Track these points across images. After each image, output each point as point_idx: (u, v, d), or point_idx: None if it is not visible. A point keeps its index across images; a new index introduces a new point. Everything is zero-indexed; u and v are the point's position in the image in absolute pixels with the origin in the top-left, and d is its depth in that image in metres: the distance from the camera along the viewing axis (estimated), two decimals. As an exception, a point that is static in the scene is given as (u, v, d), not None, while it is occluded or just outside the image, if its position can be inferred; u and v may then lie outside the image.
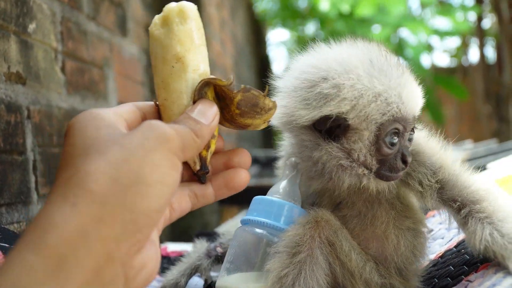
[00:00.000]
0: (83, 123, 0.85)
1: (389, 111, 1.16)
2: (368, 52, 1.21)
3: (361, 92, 1.15)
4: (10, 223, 1.60)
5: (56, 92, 1.97)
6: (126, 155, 0.78)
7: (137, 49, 3.16)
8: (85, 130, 0.83)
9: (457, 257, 1.41)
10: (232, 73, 5.75)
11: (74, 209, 0.72)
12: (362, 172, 1.19)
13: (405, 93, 1.18)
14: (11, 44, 1.68)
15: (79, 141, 0.81)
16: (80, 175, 0.75)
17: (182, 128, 0.88)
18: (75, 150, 0.80)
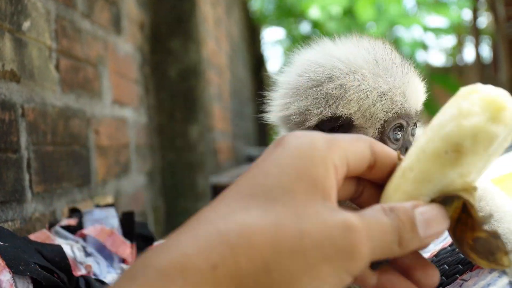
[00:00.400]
0: (293, 154, 0.72)
1: (393, 109, 1.17)
2: (373, 51, 1.21)
3: (367, 93, 1.16)
4: (4, 221, 1.59)
5: (51, 90, 1.97)
6: (297, 248, 0.65)
7: (132, 47, 3.16)
8: (286, 168, 0.71)
9: (451, 256, 1.40)
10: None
11: (212, 274, 0.63)
12: None
13: (409, 91, 1.19)
14: (5, 42, 1.67)
15: (273, 177, 0.70)
16: (241, 239, 0.65)
17: (386, 226, 0.71)
18: (259, 187, 0.70)
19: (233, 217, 0.66)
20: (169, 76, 3.69)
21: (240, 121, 6.42)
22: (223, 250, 0.63)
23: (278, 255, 0.64)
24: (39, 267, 1.30)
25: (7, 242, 1.32)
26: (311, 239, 0.66)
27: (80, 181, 2.19)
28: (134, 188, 2.97)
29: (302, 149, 0.72)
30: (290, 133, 0.75)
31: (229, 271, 0.62)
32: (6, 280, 1.18)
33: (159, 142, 3.63)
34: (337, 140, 0.74)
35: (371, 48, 1.22)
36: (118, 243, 1.84)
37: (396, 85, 1.18)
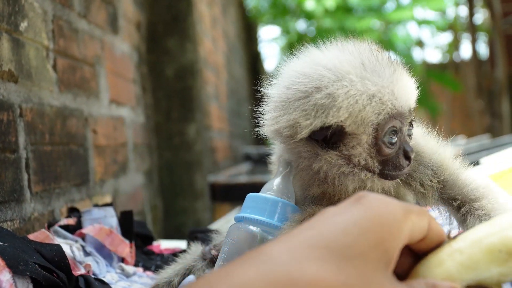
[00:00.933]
0: (373, 219, 0.74)
1: (384, 110, 1.15)
2: (359, 55, 1.19)
3: (356, 98, 1.13)
4: (3, 221, 1.60)
5: (48, 90, 1.97)
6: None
7: (129, 46, 3.16)
8: (365, 233, 0.73)
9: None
10: (224, 71, 5.75)
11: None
12: (365, 177, 1.18)
13: (398, 89, 1.16)
14: (3, 43, 1.67)
15: (345, 240, 0.71)
16: None
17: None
18: (333, 244, 0.71)
19: (307, 265, 0.68)
20: (166, 76, 3.69)
21: (237, 120, 6.42)
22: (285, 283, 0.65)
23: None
24: (39, 266, 1.30)
25: (6, 242, 1.32)
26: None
27: (78, 180, 2.19)
28: (132, 187, 2.98)
29: (383, 216, 0.74)
30: (371, 193, 0.78)
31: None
32: (6, 280, 1.17)
33: (156, 141, 3.63)
34: (411, 212, 0.77)
35: (357, 52, 1.20)
36: (117, 242, 1.84)
37: (384, 85, 1.15)
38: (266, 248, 0.71)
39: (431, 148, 1.27)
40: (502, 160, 2.00)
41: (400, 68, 1.21)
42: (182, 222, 3.65)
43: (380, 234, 0.73)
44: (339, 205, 0.78)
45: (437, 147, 1.27)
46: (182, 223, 3.65)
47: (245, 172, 5.33)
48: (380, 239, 0.73)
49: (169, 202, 3.64)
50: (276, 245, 0.72)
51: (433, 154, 1.25)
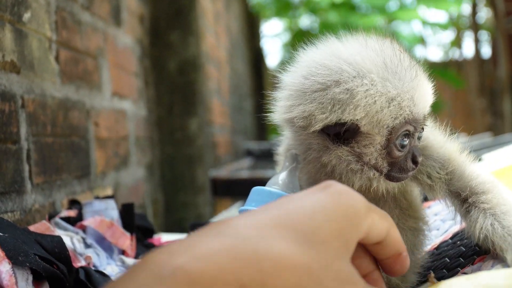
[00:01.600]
0: (338, 213, 0.77)
1: (401, 115, 1.13)
2: (382, 53, 1.17)
3: (375, 99, 1.12)
4: (4, 212, 1.59)
5: (50, 82, 1.97)
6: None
7: (131, 39, 3.15)
8: (332, 225, 0.75)
9: (452, 249, 1.40)
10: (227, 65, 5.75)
11: None
12: (373, 176, 1.18)
13: (418, 95, 1.15)
14: (6, 33, 1.67)
15: (311, 222, 0.74)
16: (272, 269, 0.68)
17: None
18: (298, 225, 0.74)
19: (273, 243, 0.70)
20: (168, 70, 3.68)
21: (238, 115, 6.42)
22: (254, 274, 0.66)
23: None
24: (39, 258, 1.30)
25: (6, 233, 1.31)
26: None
27: (79, 172, 2.18)
28: (134, 180, 2.97)
29: (347, 208, 0.77)
30: (338, 184, 0.80)
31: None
32: (6, 271, 1.17)
33: (158, 135, 3.63)
34: (373, 211, 0.81)
35: (380, 50, 1.18)
36: (117, 235, 1.84)
37: (405, 90, 1.14)
38: (232, 221, 0.73)
39: (438, 142, 1.26)
40: (504, 156, 2.00)
41: (421, 72, 1.19)
42: (183, 216, 3.65)
43: (343, 224, 0.76)
44: (307, 189, 0.80)
45: (444, 141, 1.27)
46: (183, 217, 3.65)
47: (246, 167, 5.33)
48: (342, 229, 0.75)
49: (170, 196, 3.63)
50: (242, 219, 0.73)
51: (441, 147, 1.25)
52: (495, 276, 0.92)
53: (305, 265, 0.71)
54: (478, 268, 1.16)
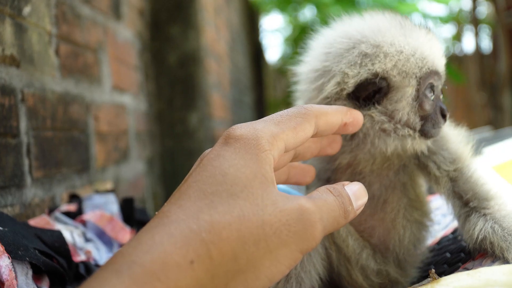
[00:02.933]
0: (244, 153, 0.82)
1: (426, 64, 1.17)
2: (394, 18, 1.22)
3: (401, 48, 1.16)
4: (3, 206, 1.59)
5: (50, 76, 1.96)
6: (260, 237, 0.77)
7: (131, 33, 3.14)
8: (242, 167, 0.81)
9: (454, 244, 1.40)
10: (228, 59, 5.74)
11: (190, 269, 0.72)
12: (407, 133, 1.18)
13: (435, 48, 1.20)
14: (6, 27, 1.66)
15: (232, 176, 0.80)
16: (211, 235, 0.74)
17: (334, 205, 0.86)
18: (222, 185, 0.79)
19: (202, 215, 0.75)
20: (168, 63, 3.68)
21: (239, 109, 6.41)
22: (198, 247, 0.72)
23: (244, 245, 0.75)
24: (39, 252, 1.30)
25: (6, 227, 1.31)
26: (271, 227, 0.77)
27: (79, 166, 2.18)
28: (134, 174, 2.97)
29: (251, 150, 0.83)
30: (234, 128, 0.86)
31: (204, 264, 0.72)
32: (5, 265, 1.17)
33: (158, 129, 3.63)
34: (281, 133, 0.87)
35: (390, 17, 1.23)
36: (117, 229, 1.84)
37: (423, 42, 1.18)
38: (165, 210, 0.78)
39: (454, 136, 1.27)
40: (505, 150, 2.00)
41: (431, 30, 1.24)
42: (152, 220, 3.64)
43: (252, 166, 0.81)
44: (211, 149, 0.86)
45: (460, 138, 1.28)
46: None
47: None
48: (254, 170, 0.81)
49: (170, 190, 3.63)
50: (173, 205, 0.79)
51: (455, 142, 1.26)
52: (496, 271, 0.92)
53: (238, 215, 0.76)
54: (479, 263, 1.16)
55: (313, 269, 1.18)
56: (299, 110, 0.94)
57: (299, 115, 0.92)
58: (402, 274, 1.30)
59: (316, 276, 1.20)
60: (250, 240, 0.75)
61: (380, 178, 1.26)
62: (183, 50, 3.73)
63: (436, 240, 1.52)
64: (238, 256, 0.75)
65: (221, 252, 0.73)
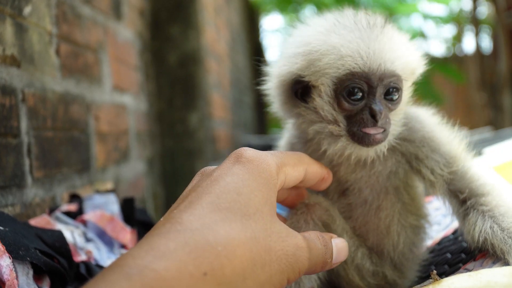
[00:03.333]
0: (256, 176, 0.87)
1: (344, 65, 1.15)
2: (339, 15, 1.24)
3: (315, 47, 1.17)
4: (4, 206, 1.59)
5: (51, 75, 1.96)
6: (266, 260, 0.81)
7: (132, 33, 3.14)
8: (255, 189, 0.86)
9: (454, 244, 1.40)
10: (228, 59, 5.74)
11: (203, 280, 0.73)
12: (334, 130, 1.19)
13: (367, 49, 1.16)
14: (6, 27, 1.66)
15: (245, 196, 0.84)
16: (227, 250, 0.77)
17: (321, 251, 0.93)
18: (236, 203, 0.82)
19: (218, 228, 0.78)
20: (168, 63, 3.68)
21: (239, 109, 6.41)
22: (213, 260, 0.74)
23: (253, 266, 0.79)
24: (39, 252, 1.30)
25: (7, 227, 1.31)
26: (275, 254, 0.83)
27: (80, 166, 2.18)
28: (134, 174, 2.97)
29: (263, 175, 0.88)
30: (247, 150, 0.91)
31: (216, 278, 0.73)
32: (6, 265, 1.17)
33: (158, 128, 3.63)
34: (284, 165, 0.94)
35: (340, 13, 1.25)
36: (118, 229, 1.84)
37: (351, 41, 1.16)
38: (177, 217, 0.81)
39: (446, 138, 1.26)
40: (506, 151, 2.00)
41: (382, 31, 1.20)
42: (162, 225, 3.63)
43: (265, 192, 0.86)
44: (221, 165, 0.90)
45: (451, 138, 1.26)
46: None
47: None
48: (266, 196, 0.86)
49: (170, 190, 3.63)
50: (184, 212, 0.81)
51: (447, 144, 1.25)
52: (497, 273, 0.92)
53: (251, 237, 0.80)
54: (480, 264, 1.16)
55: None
56: (295, 154, 1.02)
57: (296, 158, 0.99)
58: (400, 276, 1.30)
59: (315, 276, 1.20)
60: (259, 263, 0.79)
61: (370, 184, 1.26)
62: (183, 50, 3.73)
63: (436, 240, 1.52)
64: (247, 277, 0.78)
65: (234, 269, 0.76)
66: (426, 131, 1.25)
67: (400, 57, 1.20)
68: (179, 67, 3.70)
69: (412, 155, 1.24)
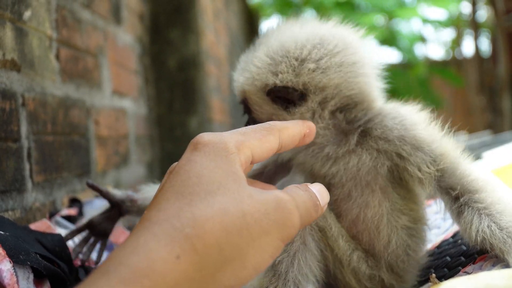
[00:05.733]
0: (214, 157, 0.86)
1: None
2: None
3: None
4: (4, 211, 1.59)
5: (51, 80, 1.96)
6: (242, 226, 0.79)
7: (131, 37, 3.15)
8: (214, 168, 0.84)
9: (453, 248, 1.40)
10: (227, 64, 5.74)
11: (177, 263, 0.73)
12: None
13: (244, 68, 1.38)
14: (6, 32, 1.67)
15: (206, 177, 0.83)
16: (195, 229, 0.76)
17: (305, 197, 0.89)
18: (198, 186, 0.81)
19: (183, 213, 0.77)
20: (168, 67, 3.69)
21: (238, 113, 6.40)
22: (182, 242, 0.74)
23: (228, 235, 0.77)
24: (40, 256, 1.30)
25: (7, 231, 1.31)
26: (251, 217, 0.79)
27: (80, 171, 2.18)
28: (134, 178, 2.97)
29: (220, 153, 0.86)
30: (202, 136, 0.90)
31: (190, 258, 0.73)
32: (7, 270, 1.17)
33: (158, 133, 3.63)
34: (247, 141, 0.91)
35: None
36: (118, 233, 1.84)
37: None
38: (145, 216, 0.81)
39: (430, 136, 1.24)
40: (505, 154, 2.00)
41: (258, 47, 1.38)
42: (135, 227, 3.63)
43: (223, 166, 0.85)
44: (182, 157, 0.89)
45: (438, 135, 1.25)
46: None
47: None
48: (226, 169, 0.84)
49: (170, 194, 3.63)
50: (151, 211, 0.82)
51: (433, 142, 1.23)
52: (496, 276, 0.92)
53: (219, 208, 0.79)
54: (479, 267, 1.16)
55: (310, 272, 1.18)
56: (263, 125, 0.98)
57: (263, 129, 0.96)
58: (398, 280, 1.29)
59: (313, 278, 1.20)
60: (233, 230, 0.77)
61: (351, 177, 1.26)
62: (182, 54, 3.74)
63: (436, 244, 1.52)
64: (223, 247, 0.76)
65: (206, 244, 0.75)
66: (405, 129, 1.24)
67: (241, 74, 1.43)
68: (178, 71, 3.71)
69: (393, 153, 1.23)
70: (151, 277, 0.71)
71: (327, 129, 1.26)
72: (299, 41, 1.27)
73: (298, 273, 1.16)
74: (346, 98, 1.26)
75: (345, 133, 1.27)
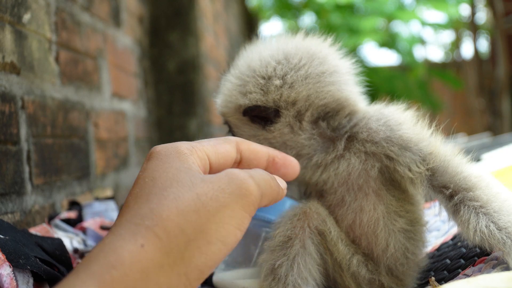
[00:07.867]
0: (166, 160, 0.89)
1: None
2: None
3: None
4: (4, 214, 1.59)
5: (50, 83, 1.96)
6: (198, 206, 0.82)
7: (131, 40, 3.15)
8: (167, 168, 0.87)
9: (453, 250, 1.40)
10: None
11: (142, 251, 0.76)
12: None
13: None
14: (5, 34, 1.66)
15: (160, 177, 0.86)
16: (154, 220, 0.79)
17: (265, 175, 0.92)
18: (153, 186, 0.85)
19: (141, 210, 0.81)
20: (167, 70, 3.69)
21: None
22: (144, 233, 0.78)
23: (186, 216, 0.80)
24: (40, 260, 1.30)
25: (7, 235, 1.31)
26: (206, 196, 0.83)
27: (79, 173, 2.18)
28: (133, 181, 2.97)
29: (172, 156, 0.90)
30: (155, 147, 0.94)
31: (154, 244, 0.77)
32: (7, 274, 1.17)
33: (157, 135, 3.63)
34: (199, 145, 0.95)
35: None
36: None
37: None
38: (112, 227, 0.83)
39: (417, 135, 1.23)
40: (504, 156, 2.00)
41: (230, 70, 1.42)
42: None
43: (178, 164, 0.88)
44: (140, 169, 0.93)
45: (425, 134, 1.24)
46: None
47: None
48: (179, 166, 0.87)
49: (169, 196, 3.63)
50: (117, 221, 0.84)
51: (421, 141, 1.22)
52: (495, 279, 0.92)
53: (174, 198, 0.83)
54: (479, 270, 1.16)
55: (309, 275, 1.18)
56: (220, 137, 1.03)
57: (219, 139, 1.01)
58: (398, 283, 1.29)
59: (313, 282, 1.20)
60: (190, 211, 0.81)
61: (342, 182, 1.26)
62: (182, 57, 3.74)
63: (436, 246, 1.52)
64: (183, 228, 0.79)
65: (166, 229, 0.78)
66: (391, 130, 1.23)
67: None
68: (178, 74, 3.71)
69: (382, 155, 1.23)
70: (119, 268, 0.74)
71: (312, 139, 1.27)
72: (264, 59, 1.30)
73: (298, 277, 1.16)
74: (322, 107, 1.27)
75: (332, 140, 1.27)
